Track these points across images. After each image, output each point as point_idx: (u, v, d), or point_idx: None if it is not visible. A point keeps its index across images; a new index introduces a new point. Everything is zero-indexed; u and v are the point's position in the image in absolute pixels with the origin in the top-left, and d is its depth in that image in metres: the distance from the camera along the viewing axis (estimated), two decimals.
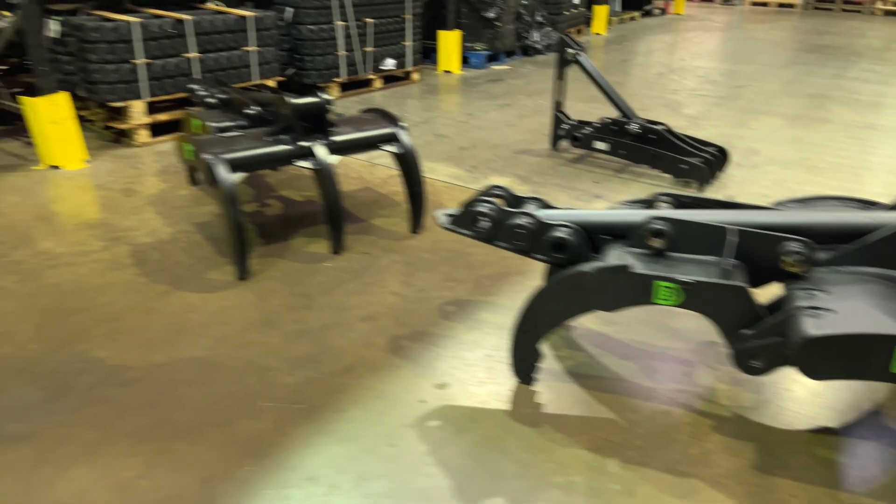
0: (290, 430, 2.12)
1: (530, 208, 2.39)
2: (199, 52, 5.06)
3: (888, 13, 16.56)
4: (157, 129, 5.01)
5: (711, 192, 4.21)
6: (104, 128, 5.08)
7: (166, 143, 5.01)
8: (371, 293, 2.97)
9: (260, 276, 3.09)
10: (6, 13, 5.53)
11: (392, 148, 3.44)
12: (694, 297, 1.93)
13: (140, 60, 4.71)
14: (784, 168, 4.76)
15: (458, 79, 7.83)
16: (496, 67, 8.58)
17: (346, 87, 6.75)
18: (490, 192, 2.47)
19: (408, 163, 3.43)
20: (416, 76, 7.54)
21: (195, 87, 4.12)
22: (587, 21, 11.92)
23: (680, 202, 2.33)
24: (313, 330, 2.68)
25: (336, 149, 3.24)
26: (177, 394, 2.27)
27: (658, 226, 2.05)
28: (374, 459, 2.01)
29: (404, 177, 3.50)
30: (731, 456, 2.05)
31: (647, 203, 2.41)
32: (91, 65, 4.59)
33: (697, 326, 2.70)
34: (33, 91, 5.30)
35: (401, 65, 7.21)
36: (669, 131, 4.44)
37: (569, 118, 4.91)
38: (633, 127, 4.46)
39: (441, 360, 2.49)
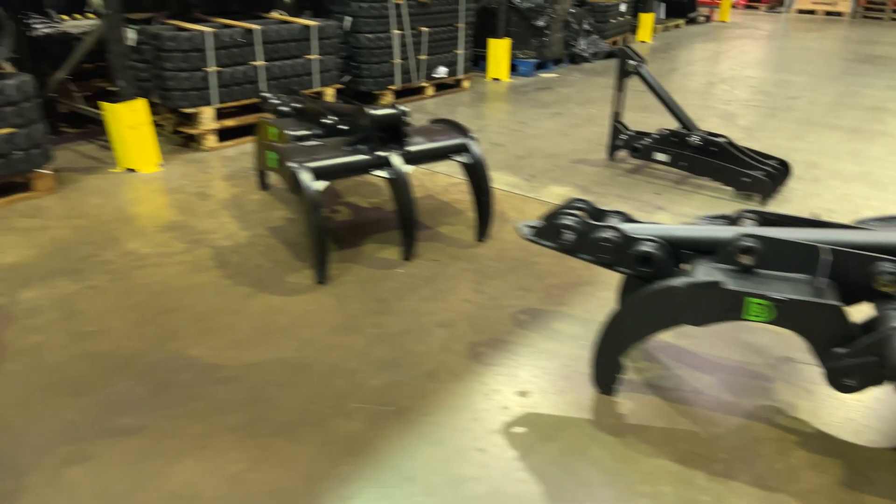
0: (382, 432, 2.21)
1: (613, 222, 2.45)
2: (265, 61, 5.23)
3: None
4: (223, 135, 5.19)
5: (774, 207, 4.20)
6: (172, 132, 5.27)
7: (232, 148, 5.18)
8: (444, 300, 3.06)
9: (337, 281, 3.19)
10: (79, 16, 5.78)
11: (462, 158, 3.53)
12: (787, 315, 1.96)
13: (211, 68, 4.89)
14: (846, 182, 4.71)
15: (506, 86, 7.90)
16: (544, 75, 8.63)
17: (400, 95, 6.87)
18: (572, 205, 2.52)
19: (477, 173, 3.51)
20: (466, 84, 7.63)
21: (267, 95, 4.26)
22: (633, 29, 11.89)
23: (765, 219, 2.36)
24: (393, 334, 2.77)
25: (410, 159, 3.33)
26: (271, 393, 2.38)
27: (748, 243, 2.09)
28: (466, 463, 2.09)
29: (473, 187, 3.58)
30: (818, 472, 2.07)
31: (731, 219, 2.44)
32: (166, 72, 4.78)
33: (771, 341, 2.72)
34: (106, 96, 5.54)
35: (452, 73, 7.31)
36: (731, 144, 4.44)
37: (627, 129, 4.94)
38: (694, 139, 4.47)
39: (520, 369, 2.56)
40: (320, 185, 3.04)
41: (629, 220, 2.50)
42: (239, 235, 3.66)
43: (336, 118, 3.57)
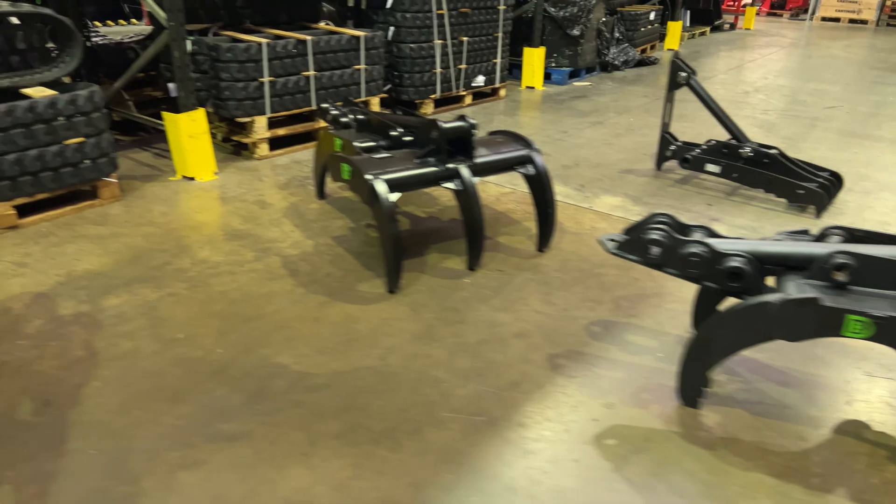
0: (477, 441, 2.26)
1: (698, 236, 2.49)
2: (316, 71, 5.31)
3: None
4: (273, 143, 5.27)
5: (828, 219, 4.22)
6: (222, 140, 5.37)
7: (283, 157, 5.27)
8: (515, 310, 3.11)
9: (407, 290, 3.25)
10: (135, 21, 5.86)
11: (526, 170, 3.58)
12: (888, 332, 1.99)
13: (266, 78, 4.98)
14: None
15: (541, 95, 7.95)
16: (577, 84, 8.67)
17: (439, 104, 6.95)
18: (655, 219, 2.57)
19: (542, 185, 3.56)
20: (502, 92, 7.69)
21: (326, 105, 4.34)
22: (661, 37, 11.92)
23: (852, 236, 2.39)
24: (471, 344, 2.82)
25: (478, 171, 3.39)
26: (364, 401, 2.44)
27: (843, 260, 2.12)
28: (563, 473, 2.14)
29: (536, 198, 3.63)
30: None
31: (815, 236, 2.47)
32: (222, 82, 4.87)
33: (849, 356, 2.75)
34: (156, 104, 5.66)
35: (489, 81, 7.37)
36: (783, 155, 4.46)
37: (675, 139, 4.97)
38: (746, 150, 4.49)
39: (602, 381, 2.60)
40: (394, 196, 3.10)
41: (713, 234, 2.54)
42: (304, 244, 3.73)
43: (402, 130, 3.63)
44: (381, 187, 3.06)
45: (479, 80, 7.22)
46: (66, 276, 3.28)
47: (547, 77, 8.56)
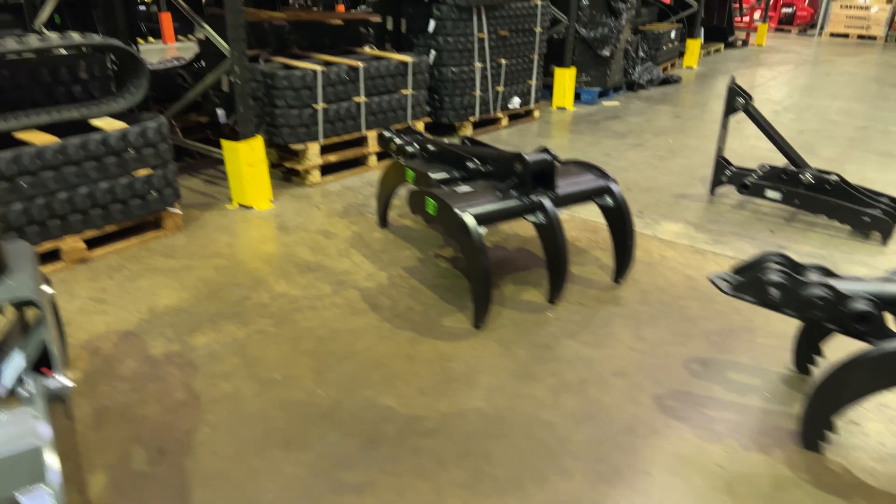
0: (606, 491, 2.21)
1: (815, 277, 2.46)
2: (366, 97, 5.30)
3: None
4: (323, 170, 5.25)
5: (894, 246, 4.20)
6: (272, 166, 5.34)
7: (334, 183, 5.24)
8: (608, 346, 3.07)
9: (492, 325, 3.22)
10: (152, 40, 5.83)
11: (604, 201, 3.56)
12: None
13: (320, 105, 4.96)
14: None
15: (574, 115, 7.96)
16: (606, 104, 8.69)
17: (476, 126, 6.95)
18: (769, 258, 2.54)
19: (622, 216, 3.53)
20: (536, 113, 7.71)
21: (389, 134, 4.32)
22: (681, 54, 11.99)
23: None
24: (572, 384, 2.78)
25: (558, 203, 3.37)
26: (480, 447, 2.40)
27: None
28: None
29: (614, 229, 3.60)
30: None
31: None
32: (277, 109, 4.85)
33: None
34: (202, 129, 5.64)
35: (524, 102, 7.38)
36: (843, 181, 4.45)
37: (730, 164, 4.96)
38: (807, 177, 4.49)
39: (716, 423, 2.56)
40: (483, 230, 3.08)
41: (829, 273, 2.51)
42: (378, 276, 3.69)
43: (479, 162, 3.61)
44: (470, 221, 3.03)
45: (515, 101, 7.23)
46: (149, 313, 3.23)
47: (576, 97, 8.58)
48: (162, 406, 2.56)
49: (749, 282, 2.47)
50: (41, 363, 1.79)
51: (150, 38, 14.34)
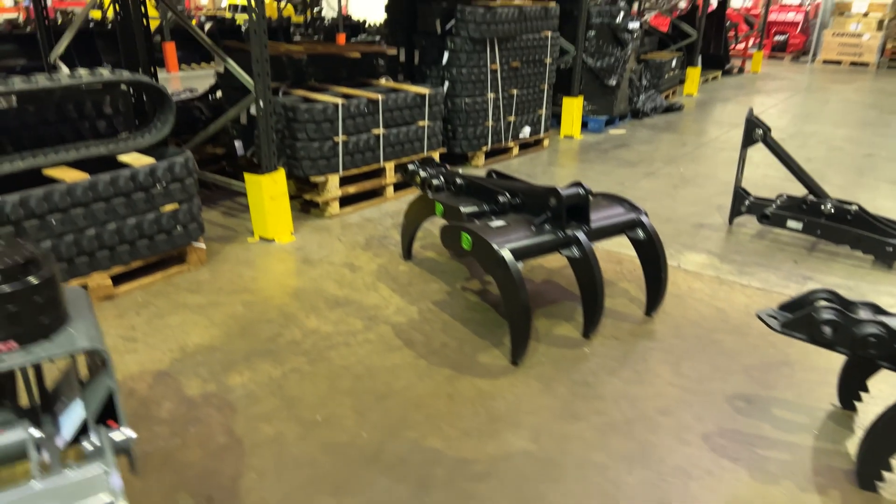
0: None
1: (865, 314, 2.45)
2: (384, 128, 5.32)
3: None
4: (342, 201, 5.24)
5: None
6: (290, 197, 5.32)
7: (353, 215, 5.23)
8: (649, 383, 3.04)
9: (529, 361, 3.18)
10: (210, 65, 5.84)
11: (635, 234, 3.56)
12: None
13: (340, 138, 4.97)
14: None
15: (582, 144, 8.02)
16: (613, 132, 8.76)
17: (488, 156, 6.98)
18: (817, 295, 2.53)
19: (655, 249, 3.53)
20: (546, 142, 7.75)
21: (414, 167, 4.32)
22: (681, 82, 12.14)
23: None
24: (619, 423, 2.75)
25: (592, 237, 3.36)
26: (534, 491, 2.35)
27: None
28: None
29: (646, 262, 3.60)
30: None
31: None
32: (298, 142, 4.85)
33: None
34: (218, 161, 5.64)
35: (535, 132, 7.43)
36: (863, 210, 4.48)
37: (748, 194, 4.99)
38: (828, 207, 4.51)
39: (769, 463, 2.53)
40: (520, 265, 3.06)
41: (879, 310, 2.50)
42: (409, 311, 3.66)
43: (510, 196, 3.60)
44: (509, 257, 3.02)
45: (526, 131, 7.28)
46: (180, 352, 3.18)
47: (583, 125, 8.64)
48: (205, 451, 2.51)
49: (799, 319, 2.45)
50: (104, 414, 1.74)
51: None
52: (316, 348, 3.25)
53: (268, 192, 4.46)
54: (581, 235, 3.27)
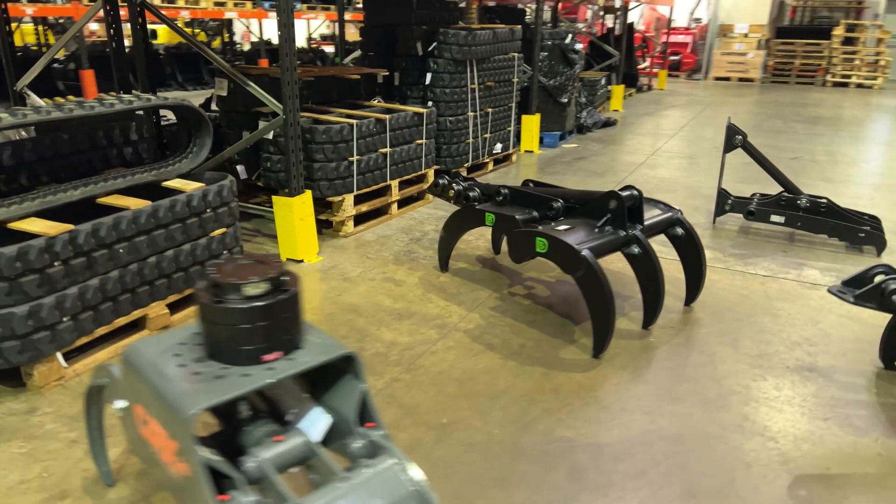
0: (810, 484, 2.44)
1: None
2: (390, 147, 5.42)
3: (836, 84, 18.68)
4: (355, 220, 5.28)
5: (885, 257, 4.84)
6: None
7: (367, 232, 5.27)
8: (720, 362, 3.34)
9: (606, 354, 3.40)
10: (72, 98, 5.66)
11: (675, 232, 3.89)
12: None
13: (354, 157, 5.03)
14: None
15: (544, 158, 8.43)
16: (566, 146, 9.27)
17: (469, 171, 7.20)
18: (876, 270, 2.94)
19: (694, 244, 3.87)
20: (514, 157, 8.10)
21: (445, 180, 4.45)
22: (608, 98, 12.98)
23: None
24: (714, 399, 3.01)
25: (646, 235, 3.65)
26: (678, 463, 2.55)
27: None
28: None
29: (686, 257, 3.93)
30: None
31: None
32: (315, 163, 4.86)
33: None
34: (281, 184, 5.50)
35: (505, 148, 7.76)
36: (832, 203, 5.09)
37: (730, 195, 5.51)
38: (803, 201, 5.09)
39: (854, 419, 2.87)
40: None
41: None
42: (472, 318, 3.79)
43: (562, 201, 3.83)
44: (590, 256, 3.24)
45: (498, 147, 7.59)
46: None
47: (539, 140, 9.08)
48: None
49: (870, 291, 2.84)
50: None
51: (70, 97, 13.56)
52: (405, 358, 3.31)
53: (298, 213, 4.45)
54: (640, 234, 3.56)
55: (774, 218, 5.21)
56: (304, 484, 1.75)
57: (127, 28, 5.05)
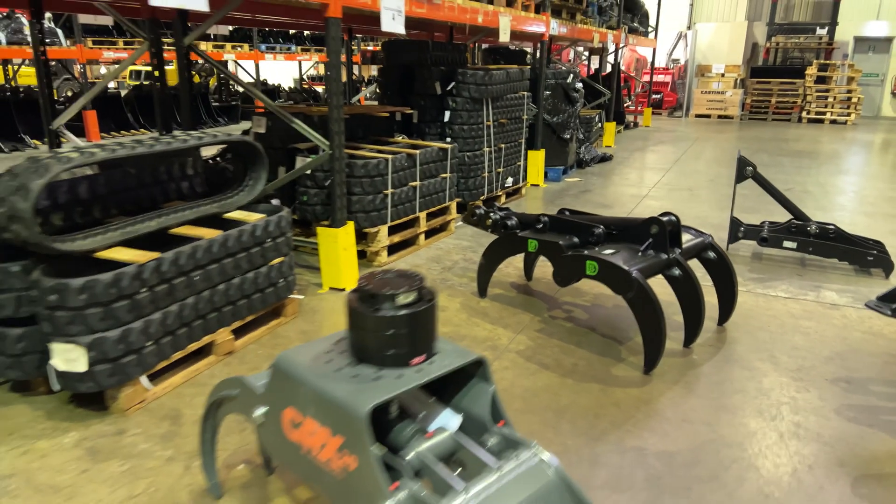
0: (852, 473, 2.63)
1: None
2: (420, 181, 5.65)
3: (812, 121, 19.52)
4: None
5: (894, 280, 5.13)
6: None
7: (400, 261, 5.44)
8: (764, 376, 3.54)
9: (655, 371, 3.59)
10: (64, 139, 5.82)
11: (708, 255, 4.14)
12: None
13: (389, 190, 5.23)
14: None
15: (550, 191, 8.73)
16: (569, 179, 9.60)
17: (484, 204, 7.45)
18: None
19: (727, 266, 4.11)
20: (523, 191, 8.38)
21: (482, 210, 4.67)
22: (601, 135, 13.44)
23: None
24: (766, 409, 3.21)
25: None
26: (749, 465, 2.73)
27: None
28: None
29: (718, 279, 4.16)
30: None
31: None
32: (354, 196, 5.06)
33: None
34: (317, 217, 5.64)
35: (515, 181, 8.04)
36: (839, 229, 5.41)
37: (742, 223, 5.81)
38: (813, 228, 5.40)
39: (894, 425, 3.09)
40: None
41: None
42: (520, 340, 3.96)
43: (604, 227, 4.06)
44: (641, 277, 3.45)
45: (510, 180, 7.86)
46: None
47: (544, 175, 9.40)
48: None
49: None
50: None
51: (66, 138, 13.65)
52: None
53: (342, 243, 4.62)
54: (680, 257, 3.79)
55: (787, 244, 5.50)
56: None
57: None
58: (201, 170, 4.26)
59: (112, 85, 19.44)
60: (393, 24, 4.81)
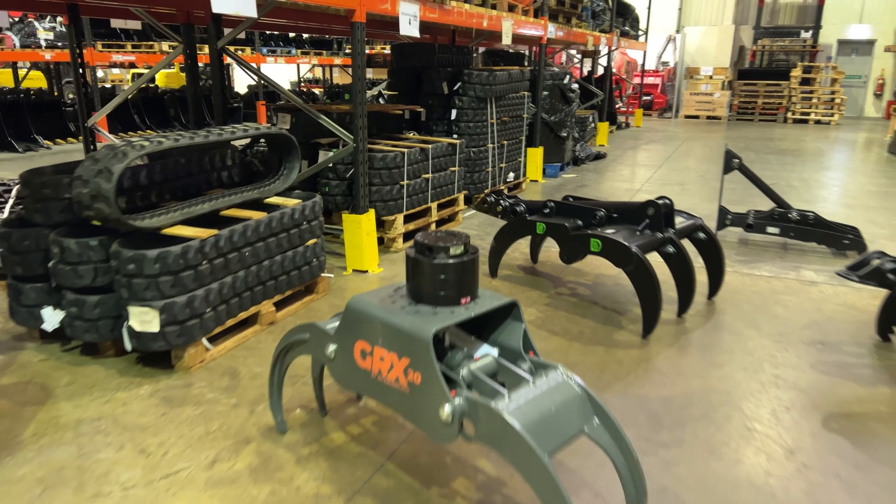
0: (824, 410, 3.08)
1: None
2: (432, 173, 6.08)
3: (797, 121, 20.13)
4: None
5: None
6: None
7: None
8: (748, 340, 3.99)
9: (652, 336, 4.03)
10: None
11: (699, 236, 4.59)
12: None
13: (405, 181, 5.66)
14: None
15: (547, 186, 9.19)
16: (565, 175, 10.06)
17: None
18: (872, 256, 3.65)
19: (716, 246, 4.57)
20: (524, 185, 8.83)
21: (492, 198, 5.11)
22: (594, 134, 13.93)
23: None
24: (749, 365, 3.66)
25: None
26: (735, 406, 3.17)
27: None
28: None
29: (708, 258, 4.62)
30: None
31: None
32: (373, 186, 5.48)
33: None
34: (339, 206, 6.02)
35: (516, 176, 8.49)
36: (818, 216, 5.88)
37: (730, 211, 6.28)
38: (794, 215, 5.88)
39: (865, 378, 3.54)
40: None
41: None
42: (531, 312, 4.40)
43: (606, 211, 4.51)
44: (640, 252, 3.90)
45: (511, 175, 8.31)
46: None
47: (542, 171, 9.86)
48: None
49: (871, 272, 3.55)
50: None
51: (75, 139, 14.01)
52: None
53: (365, 228, 5.04)
54: (674, 236, 4.24)
55: (770, 229, 5.97)
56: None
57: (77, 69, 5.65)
58: (238, 161, 4.67)
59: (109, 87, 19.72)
60: (409, 28, 5.25)
